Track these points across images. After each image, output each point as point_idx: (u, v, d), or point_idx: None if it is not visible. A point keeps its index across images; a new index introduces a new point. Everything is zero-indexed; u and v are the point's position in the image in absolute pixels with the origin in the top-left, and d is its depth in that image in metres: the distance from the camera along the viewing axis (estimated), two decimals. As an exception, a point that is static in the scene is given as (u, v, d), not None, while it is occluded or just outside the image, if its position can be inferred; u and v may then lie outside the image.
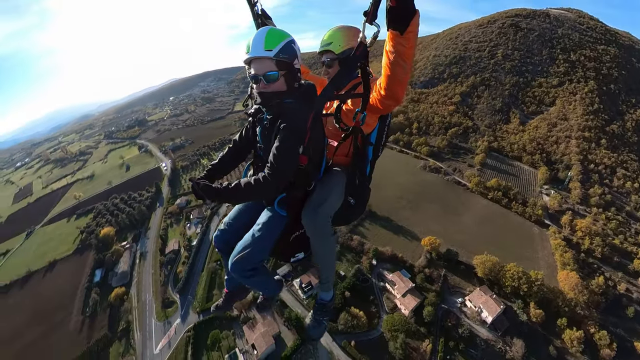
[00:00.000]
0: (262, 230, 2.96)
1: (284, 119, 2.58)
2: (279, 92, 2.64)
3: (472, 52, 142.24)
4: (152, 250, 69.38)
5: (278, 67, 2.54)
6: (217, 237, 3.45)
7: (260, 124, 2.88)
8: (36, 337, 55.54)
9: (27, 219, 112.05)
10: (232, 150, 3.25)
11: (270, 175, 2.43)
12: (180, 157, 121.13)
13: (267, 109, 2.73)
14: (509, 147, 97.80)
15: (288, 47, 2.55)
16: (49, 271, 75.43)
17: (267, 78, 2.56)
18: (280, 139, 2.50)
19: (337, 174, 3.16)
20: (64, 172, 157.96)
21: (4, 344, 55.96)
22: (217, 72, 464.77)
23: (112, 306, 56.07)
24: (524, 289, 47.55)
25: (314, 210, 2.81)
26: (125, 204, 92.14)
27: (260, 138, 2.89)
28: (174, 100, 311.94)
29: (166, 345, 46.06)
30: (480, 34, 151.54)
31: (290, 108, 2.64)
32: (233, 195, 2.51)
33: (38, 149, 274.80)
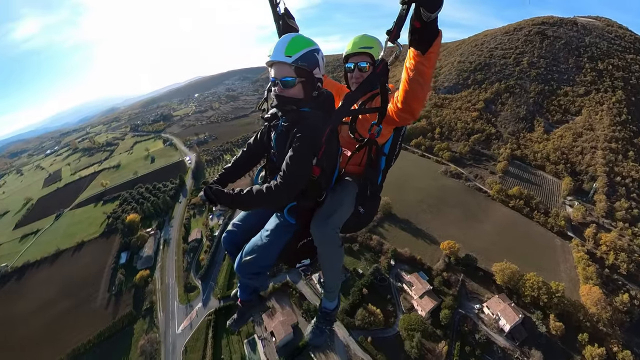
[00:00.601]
0: (270, 237, 3.00)
1: (299, 128, 2.59)
2: (296, 99, 2.68)
3: (497, 59, 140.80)
4: (176, 238, 72.11)
5: (296, 74, 2.57)
6: (225, 239, 3.50)
7: (276, 130, 2.89)
8: (65, 309, 58.89)
9: (56, 202, 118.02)
10: (246, 154, 3.30)
11: (282, 184, 2.46)
12: (204, 152, 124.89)
13: (283, 114, 2.77)
14: (532, 155, 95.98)
15: (309, 55, 2.57)
16: (77, 251, 79.43)
17: (283, 83, 2.61)
18: (294, 148, 2.52)
19: (348, 185, 3.17)
20: (92, 161, 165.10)
21: (36, 314, 59.69)
22: (243, 71, 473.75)
23: (136, 287, 58.71)
24: (543, 300, 46.77)
25: (323, 222, 2.84)
26: (150, 193, 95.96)
27: (275, 144, 2.90)
28: (199, 97, 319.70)
29: (188, 327, 48.12)
30: (506, 41, 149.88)
31: (306, 117, 2.65)
32: (245, 202, 2.57)
33: (67, 138, 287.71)
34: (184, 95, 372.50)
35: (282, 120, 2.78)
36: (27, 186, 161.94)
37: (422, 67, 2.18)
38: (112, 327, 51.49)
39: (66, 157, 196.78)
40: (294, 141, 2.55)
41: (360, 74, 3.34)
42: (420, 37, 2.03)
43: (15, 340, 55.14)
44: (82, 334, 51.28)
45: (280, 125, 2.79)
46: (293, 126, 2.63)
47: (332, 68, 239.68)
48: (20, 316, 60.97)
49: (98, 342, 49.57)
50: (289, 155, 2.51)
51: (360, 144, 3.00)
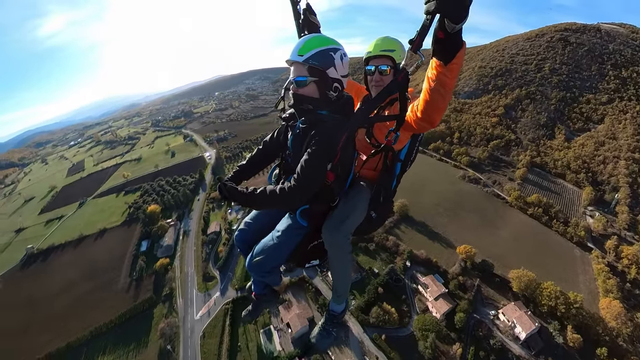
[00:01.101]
0: (281, 237, 3.03)
1: (317, 131, 2.58)
2: (312, 98, 2.67)
3: (518, 65, 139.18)
4: (195, 229, 74.27)
5: (309, 73, 2.57)
6: (237, 237, 3.54)
7: (293, 131, 2.90)
8: (88, 290, 61.94)
9: (79, 191, 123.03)
10: (261, 153, 3.31)
11: (296, 187, 2.46)
12: (223, 149, 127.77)
13: (300, 114, 2.78)
14: (553, 163, 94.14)
15: (323, 54, 2.55)
16: (99, 237, 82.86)
17: (296, 83, 2.64)
18: (310, 152, 2.51)
19: (362, 190, 3.16)
20: (114, 154, 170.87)
21: (60, 294, 63.14)
22: (263, 71, 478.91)
23: (157, 273, 60.89)
24: (561, 310, 46.06)
25: (335, 227, 2.85)
26: (170, 186, 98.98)
27: (291, 145, 2.90)
28: (219, 95, 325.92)
29: (206, 314, 49.75)
30: (528, 47, 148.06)
31: (324, 121, 2.64)
32: (257, 201, 2.57)
33: (90, 131, 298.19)
34: (205, 93, 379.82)
35: (299, 121, 2.79)
36: (51, 175, 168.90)
37: (444, 78, 2.19)
38: (133, 309, 53.87)
39: (89, 149, 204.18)
40: (310, 144, 2.55)
41: (381, 77, 3.23)
42: (443, 47, 2.03)
43: (43, 315, 58.47)
44: (105, 313, 53.97)
45: (298, 126, 2.80)
46: (311, 129, 2.63)
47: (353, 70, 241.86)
48: (46, 294, 64.67)
49: (119, 322, 52.05)
50: (304, 159, 2.52)
51: (376, 149, 2.96)
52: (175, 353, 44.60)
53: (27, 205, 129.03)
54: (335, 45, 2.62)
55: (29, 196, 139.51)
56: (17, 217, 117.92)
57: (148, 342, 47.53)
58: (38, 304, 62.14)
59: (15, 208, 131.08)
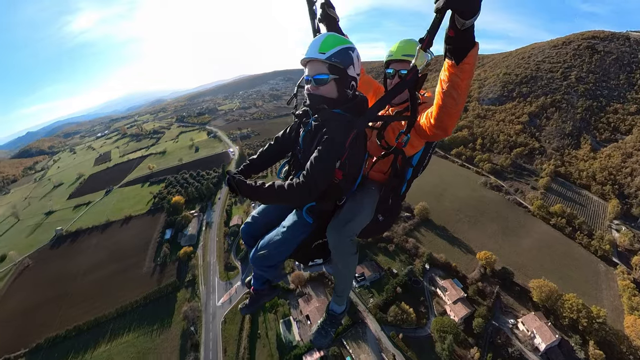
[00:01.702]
0: (286, 233, 3.02)
1: (327, 129, 2.58)
2: (328, 98, 2.68)
3: (544, 73, 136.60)
4: (217, 221, 76.62)
5: (329, 71, 2.58)
6: (244, 230, 3.51)
7: (305, 128, 2.89)
8: (114, 272, 65.27)
9: (105, 179, 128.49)
10: (273, 148, 3.30)
11: (303, 183, 2.46)
12: (246, 146, 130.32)
13: (313, 112, 2.77)
14: (577, 173, 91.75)
15: (343, 53, 2.57)
16: (125, 223, 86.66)
17: (316, 80, 2.63)
18: (320, 150, 2.52)
19: (370, 192, 3.13)
20: (139, 146, 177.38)
21: (87, 273, 67.17)
22: (287, 72, 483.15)
23: (180, 260, 63.25)
24: (582, 324, 45.04)
25: (340, 227, 2.84)
26: (194, 179, 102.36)
27: (302, 141, 2.91)
28: (243, 94, 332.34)
29: (227, 301, 51.59)
30: (554, 54, 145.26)
31: (336, 119, 2.63)
32: (264, 196, 2.58)
33: (116, 124, 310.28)
34: (229, 92, 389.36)
35: (312, 118, 2.78)
36: (79, 163, 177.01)
37: (457, 79, 2.11)
38: (158, 291, 56.42)
39: (115, 141, 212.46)
40: (320, 141, 2.56)
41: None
42: (454, 46, 1.98)
43: (72, 291, 62.48)
44: (130, 294, 56.97)
45: (310, 123, 2.79)
46: (322, 126, 2.64)
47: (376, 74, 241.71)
48: (75, 272, 68.86)
49: (144, 303, 54.72)
50: (313, 156, 2.52)
51: (386, 151, 2.99)
52: (197, 335, 46.48)
53: (56, 191, 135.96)
54: (351, 44, 2.67)
55: (58, 182, 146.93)
56: (47, 201, 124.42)
57: (171, 322, 49.73)
58: (67, 280, 66.26)
59: (45, 192, 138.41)
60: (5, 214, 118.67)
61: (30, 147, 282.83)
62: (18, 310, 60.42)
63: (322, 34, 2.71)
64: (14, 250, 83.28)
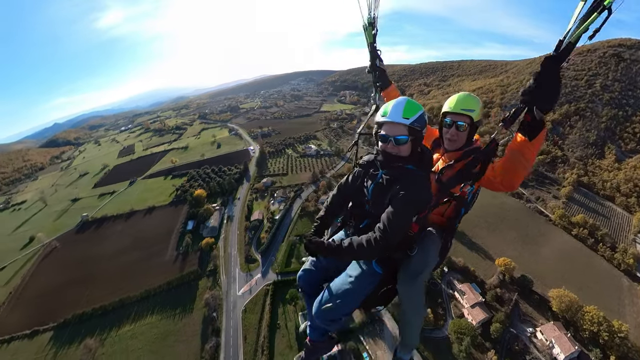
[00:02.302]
0: (354, 284, 3.00)
1: (403, 185, 2.68)
2: (402, 156, 2.83)
3: (568, 80, 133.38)
4: (238, 215, 78.87)
5: (409, 133, 2.75)
6: (301, 277, 3.50)
7: (373, 179, 2.98)
8: (138, 258, 68.33)
9: (129, 171, 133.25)
10: (337, 199, 3.37)
11: (382, 239, 2.55)
12: (267, 144, 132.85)
13: (383, 166, 2.90)
14: (601, 184, 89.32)
15: (421, 117, 2.78)
16: (148, 213, 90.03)
17: (397, 141, 2.77)
18: (397, 206, 2.62)
19: (435, 239, 3.21)
20: (162, 141, 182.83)
21: (112, 258, 70.46)
22: (308, 73, 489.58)
23: (202, 250, 65.43)
24: (603, 337, 44.19)
25: (412, 280, 2.90)
26: (216, 174, 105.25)
27: (371, 193, 2.98)
28: (265, 93, 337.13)
29: (247, 291, 53.41)
30: (579, 62, 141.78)
31: (412, 176, 2.77)
32: (344, 254, 2.68)
33: (139, 118, 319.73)
34: (250, 91, 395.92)
35: (382, 172, 2.91)
36: (104, 154, 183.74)
37: (528, 152, 2.47)
38: (180, 278, 58.69)
39: (139, 135, 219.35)
40: (397, 197, 2.65)
41: (457, 133, 3.30)
42: (529, 127, 2.37)
43: (97, 273, 65.82)
44: (153, 279, 59.50)
45: (380, 175, 2.91)
46: (397, 182, 2.75)
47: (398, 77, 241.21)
48: (100, 256, 72.40)
49: (167, 288, 57.08)
50: (391, 212, 2.61)
51: (448, 198, 3.19)
52: (218, 321, 48.30)
53: (82, 179, 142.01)
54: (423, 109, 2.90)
55: (83, 171, 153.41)
56: (73, 189, 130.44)
57: (193, 308, 51.81)
58: (93, 263, 69.83)
59: (71, 180, 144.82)
60: (33, 198, 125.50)
61: (57, 137, 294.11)
62: (47, 287, 64.21)
63: (401, 98, 2.88)
64: (42, 232, 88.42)
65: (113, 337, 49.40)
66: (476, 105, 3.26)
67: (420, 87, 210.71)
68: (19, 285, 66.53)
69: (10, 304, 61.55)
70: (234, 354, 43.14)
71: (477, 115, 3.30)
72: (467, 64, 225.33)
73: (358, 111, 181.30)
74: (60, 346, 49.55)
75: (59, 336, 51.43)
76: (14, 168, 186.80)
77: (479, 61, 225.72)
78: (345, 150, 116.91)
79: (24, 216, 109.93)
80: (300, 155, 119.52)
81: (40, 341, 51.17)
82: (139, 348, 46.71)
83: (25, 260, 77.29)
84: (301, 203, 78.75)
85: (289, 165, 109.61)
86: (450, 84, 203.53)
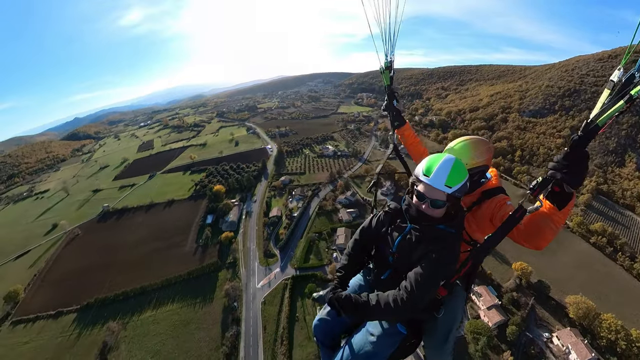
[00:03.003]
0: (376, 346, 2.93)
1: (435, 247, 2.64)
2: (435, 218, 2.76)
3: (587, 86, 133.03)
4: (257, 211, 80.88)
5: (447, 200, 2.68)
6: (317, 327, 3.41)
7: (400, 231, 2.92)
8: (159, 248, 70.80)
9: (148, 165, 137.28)
10: (359, 245, 3.28)
11: (409, 300, 2.48)
12: (285, 143, 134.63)
13: (414, 222, 2.84)
14: (621, 193, 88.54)
15: (464, 187, 2.70)
16: (167, 206, 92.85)
17: (433, 203, 2.70)
18: (427, 269, 2.55)
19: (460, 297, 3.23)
20: (180, 137, 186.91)
21: (133, 247, 73.32)
22: (326, 75, 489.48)
23: (221, 243, 67.42)
24: (621, 346, 43.83)
25: (442, 346, 2.90)
26: (234, 171, 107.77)
27: (397, 246, 2.89)
28: (282, 94, 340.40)
29: (266, 284, 55.04)
30: (599, 68, 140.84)
31: (443, 237, 2.71)
32: (370, 314, 2.63)
33: (158, 115, 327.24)
34: (268, 91, 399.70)
35: (411, 226, 2.84)
36: (123, 149, 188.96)
37: (557, 218, 2.50)
38: (200, 269, 60.72)
39: (158, 131, 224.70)
40: (427, 259, 2.60)
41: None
42: (558, 197, 2.41)
43: (119, 261, 68.56)
44: (174, 268, 61.70)
45: (408, 229, 2.85)
46: (427, 242, 2.70)
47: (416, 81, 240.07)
48: (122, 244, 75.42)
49: (187, 278, 59.10)
50: (419, 273, 2.55)
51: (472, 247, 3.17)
52: (238, 311, 50.03)
53: (102, 172, 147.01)
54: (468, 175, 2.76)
55: (104, 164, 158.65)
56: (94, 180, 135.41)
57: (213, 298, 53.65)
58: (114, 251, 72.75)
59: (92, 172, 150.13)
60: (56, 188, 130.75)
61: (78, 130, 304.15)
62: (70, 271, 67.51)
63: (448, 160, 2.72)
64: (65, 220, 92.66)
65: (135, 322, 51.45)
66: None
67: (437, 91, 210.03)
68: (43, 269, 70.07)
69: (35, 285, 64.90)
70: (254, 342, 44.71)
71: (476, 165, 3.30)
72: (485, 69, 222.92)
73: (375, 113, 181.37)
74: (84, 327, 52.05)
75: (82, 318, 54.01)
76: (37, 159, 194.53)
77: (497, 66, 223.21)
78: (363, 151, 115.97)
79: (47, 204, 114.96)
80: (317, 155, 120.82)
81: (65, 322, 53.84)
82: (160, 333, 48.66)
83: (49, 246, 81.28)
84: (319, 202, 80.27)
85: (307, 165, 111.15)
86: (468, 88, 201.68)
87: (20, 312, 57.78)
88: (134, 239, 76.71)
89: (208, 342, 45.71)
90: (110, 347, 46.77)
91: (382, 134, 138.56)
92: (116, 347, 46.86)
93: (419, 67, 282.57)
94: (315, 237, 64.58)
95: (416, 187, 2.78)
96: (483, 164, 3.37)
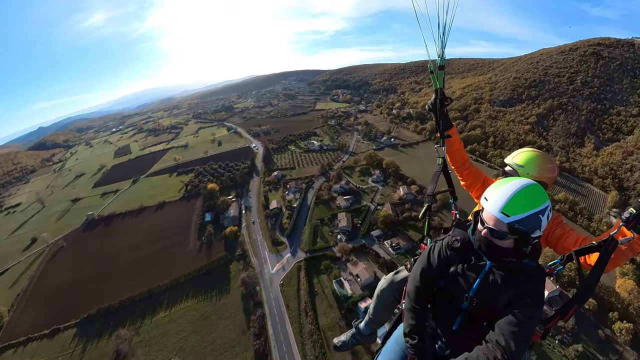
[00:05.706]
0: None
1: (527, 288, 2.23)
2: (505, 249, 2.30)
3: (551, 77, 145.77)
4: (256, 205, 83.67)
5: (510, 232, 2.19)
6: None
7: (477, 271, 2.43)
8: (158, 250, 70.38)
9: (128, 170, 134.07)
10: (424, 294, 2.71)
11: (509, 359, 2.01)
12: (269, 141, 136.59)
13: (491, 257, 2.37)
14: (581, 169, 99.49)
15: (532, 219, 2.14)
16: (159, 208, 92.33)
17: (491, 231, 2.26)
18: (524, 316, 2.14)
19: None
20: (159, 140, 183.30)
21: (128, 252, 72.08)
22: (298, 73, 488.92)
23: (226, 238, 69.32)
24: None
25: None
26: (224, 169, 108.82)
27: (476, 289, 2.42)
28: (257, 93, 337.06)
29: (281, 269, 58.58)
30: (562, 60, 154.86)
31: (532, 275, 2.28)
32: None
33: (130, 120, 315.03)
34: (241, 91, 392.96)
35: (490, 263, 2.38)
36: (98, 155, 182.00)
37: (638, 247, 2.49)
38: (209, 264, 62.28)
39: (132, 135, 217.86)
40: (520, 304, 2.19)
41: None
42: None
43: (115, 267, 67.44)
44: (179, 268, 61.88)
45: (489, 268, 2.38)
46: (516, 283, 2.26)
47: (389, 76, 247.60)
48: (115, 251, 73.69)
49: (196, 275, 60.12)
50: (515, 323, 2.12)
51: None
52: (259, 295, 53.06)
53: (79, 180, 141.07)
54: (545, 204, 2.21)
55: (79, 172, 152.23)
56: (70, 189, 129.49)
57: (230, 289, 55.84)
58: (109, 258, 70.99)
59: (67, 182, 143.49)
60: (29, 200, 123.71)
61: (45, 140, 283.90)
62: (60, 285, 64.02)
63: (516, 184, 2.24)
64: (46, 232, 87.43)
65: (148, 325, 50.36)
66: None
67: (411, 85, 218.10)
68: (27, 287, 65.54)
69: (20, 305, 60.50)
70: (280, 320, 48.08)
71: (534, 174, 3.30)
72: (455, 62, 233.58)
73: (353, 109, 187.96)
74: (88, 340, 49.62)
75: (84, 331, 51.45)
76: (3, 171, 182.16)
77: (467, 59, 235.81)
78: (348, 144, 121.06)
79: (21, 218, 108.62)
80: (304, 150, 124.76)
81: (64, 338, 50.99)
82: (180, 330, 48.52)
83: (30, 262, 76.56)
84: (314, 192, 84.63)
85: (295, 160, 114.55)
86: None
87: (7, 336, 53.48)
88: (128, 244, 75.24)
89: (233, 328, 47.32)
90: (124, 354, 45.29)
91: (364, 128, 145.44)
92: (132, 354, 45.56)
93: (390, 62, 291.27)
94: (318, 223, 69.07)
95: (481, 212, 2.39)
96: (544, 182, 3.28)
